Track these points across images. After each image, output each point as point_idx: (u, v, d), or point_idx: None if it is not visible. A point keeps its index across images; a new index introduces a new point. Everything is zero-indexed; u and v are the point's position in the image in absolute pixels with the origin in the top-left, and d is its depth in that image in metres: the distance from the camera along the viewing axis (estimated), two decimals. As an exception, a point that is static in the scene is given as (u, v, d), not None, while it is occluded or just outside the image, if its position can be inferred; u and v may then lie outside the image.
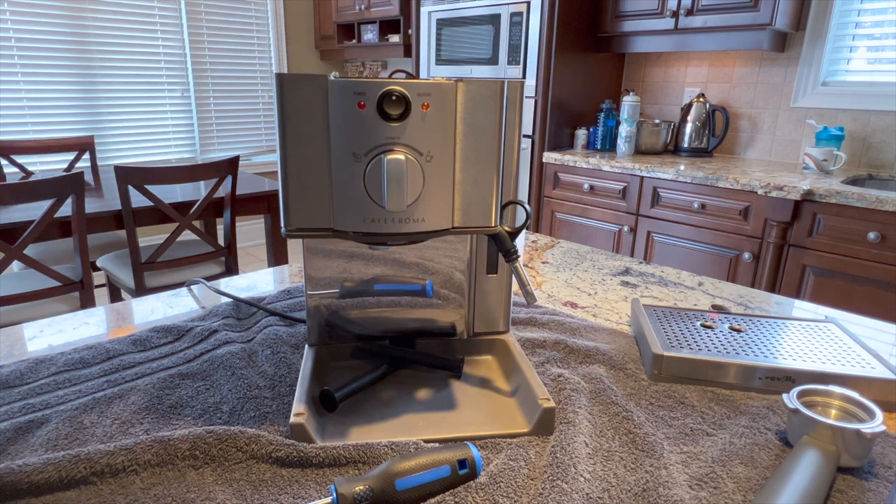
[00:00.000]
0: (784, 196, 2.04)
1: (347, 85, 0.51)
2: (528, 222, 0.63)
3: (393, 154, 0.52)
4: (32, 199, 1.76)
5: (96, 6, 3.51)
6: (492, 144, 0.55)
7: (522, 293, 0.59)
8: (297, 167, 0.53)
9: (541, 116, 2.79)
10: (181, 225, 2.15)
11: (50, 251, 2.55)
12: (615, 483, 0.50)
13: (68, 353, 0.70)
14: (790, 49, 2.55)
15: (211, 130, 4.16)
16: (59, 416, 0.57)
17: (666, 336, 0.73)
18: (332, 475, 0.50)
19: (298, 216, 0.54)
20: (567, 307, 0.91)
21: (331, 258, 0.67)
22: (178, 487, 0.48)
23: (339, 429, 0.58)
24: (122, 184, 1.99)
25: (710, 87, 2.83)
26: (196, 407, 0.60)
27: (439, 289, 0.70)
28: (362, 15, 4.02)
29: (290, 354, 0.71)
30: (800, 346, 0.70)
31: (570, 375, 0.66)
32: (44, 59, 3.39)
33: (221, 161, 2.17)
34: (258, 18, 4.23)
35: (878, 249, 1.90)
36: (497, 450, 0.54)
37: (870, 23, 2.35)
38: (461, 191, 0.56)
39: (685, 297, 0.96)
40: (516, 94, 0.59)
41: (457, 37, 3.03)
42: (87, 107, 3.61)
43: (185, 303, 0.88)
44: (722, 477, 0.51)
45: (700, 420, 0.60)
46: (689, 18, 2.47)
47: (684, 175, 2.31)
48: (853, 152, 2.45)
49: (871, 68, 2.39)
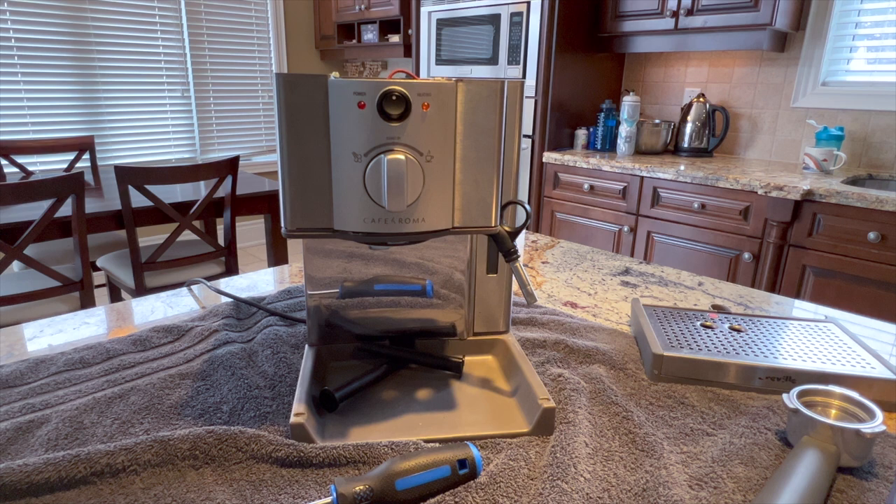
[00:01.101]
0: (784, 196, 2.04)
1: (347, 85, 0.50)
2: (528, 222, 0.63)
3: (393, 154, 0.52)
4: (32, 199, 1.76)
5: (96, 6, 3.51)
6: (492, 144, 0.55)
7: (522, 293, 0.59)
8: (297, 167, 0.53)
9: (541, 116, 2.79)
10: (181, 225, 2.15)
11: (50, 251, 2.55)
12: (615, 483, 0.50)
13: (68, 353, 0.70)
14: (790, 49, 2.55)
15: (211, 130, 4.16)
16: (59, 416, 0.57)
17: (666, 336, 0.73)
18: (332, 475, 0.50)
19: (298, 216, 0.54)
20: (567, 307, 0.91)
21: (331, 258, 0.67)
22: (178, 487, 0.48)
23: (339, 429, 0.58)
24: (122, 184, 1.99)
25: (710, 87, 2.83)
26: (196, 407, 0.60)
27: (439, 289, 0.70)
28: (362, 15, 4.02)
29: (290, 354, 0.71)
30: (800, 346, 0.70)
31: (570, 375, 0.66)
32: (44, 59, 3.39)
33: (221, 161, 2.17)
34: (258, 18, 4.23)
35: (878, 249, 1.90)
36: (497, 450, 0.54)
37: (870, 23, 2.35)
38: (461, 191, 0.56)
39: (685, 297, 0.96)
40: (516, 94, 0.59)
41: (457, 37, 3.03)
42: (87, 107, 3.61)
43: (185, 303, 0.88)
44: (722, 477, 0.51)
45: (700, 420, 0.60)
46: (689, 18, 2.47)
47: (684, 175, 2.31)
48: (853, 152, 2.45)
49: (871, 68, 2.39)
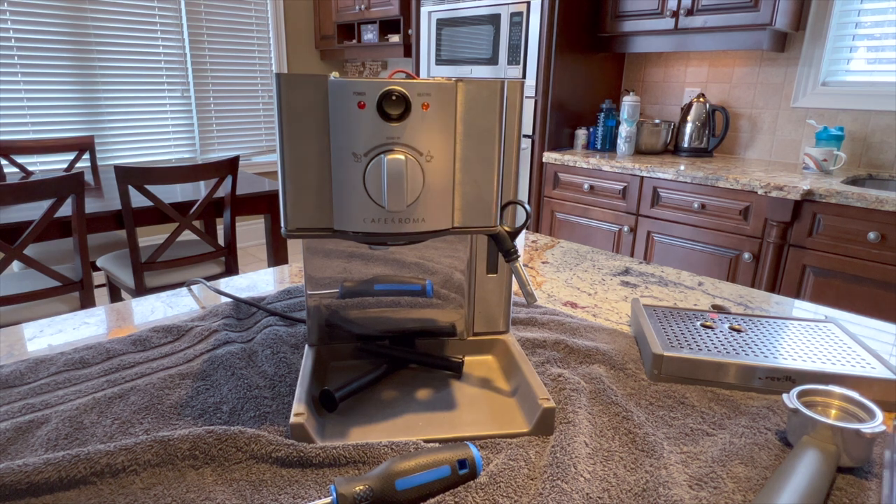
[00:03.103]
0: (784, 196, 2.04)
1: (347, 85, 0.50)
2: (528, 222, 0.63)
3: (393, 154, 0.52)
4: (32, 199, 1.76)
5: (96, 6, 3.51)
6: (492, 144, 0.55)
7: (522, 293, 0.59)
8: (297, 167, 0.53)
9: (541, 116, 2.79)
10: (181, 225, 2.15)
11: (50, 251, 2.55)
12: (615, 483, 0.50)
13: (68, 353, 0.70)
14: (790, 49, 2.55)
15: (211, 130, 4.16)
16: (59, 416, 0.57)
17: (666, 336, 0.73)
18: (332, 475, 0.50)
19: (298, 216, 0.54)
20: (567, 307, 0.91)
21: (331, 258, 0.67)
22: (178, 487, 0.48)
23: (339, 429, 0.58)
24: (122, 184, 1.99)
25: (710, 87, 2.83)
26: (196, 407, 0.60)
27: (439, 289, 0.70)
28: (362, 15, 4.02)
29: (290, 354, 0.71)
30: (800, 346, 0.70)
31: (570, 375, 0.66)
32: (44, 59, 3.39)
33: (221, 161, 2.17)
34: (258, 18, 4.23)
35: (878, 249, 1.90)
36: (497, 450, 0.54)
37: (870, 23, 2.35)
38: (461, 191, 0.56)
39: (685, 297, 0.96)
40: (516, 94, 0.59)
41: (457, 37, 3.03)
42: (87, 107, 3.61)
43: (185, 303, 0.88)
44: (722, 477, 0.51)
45: (700, 420, 0.60)
46: (689, 18, 2.47)
47: (684, 175, 2.31)
48: (853, 152, 2.45)
49: (871, 68, 2.39)
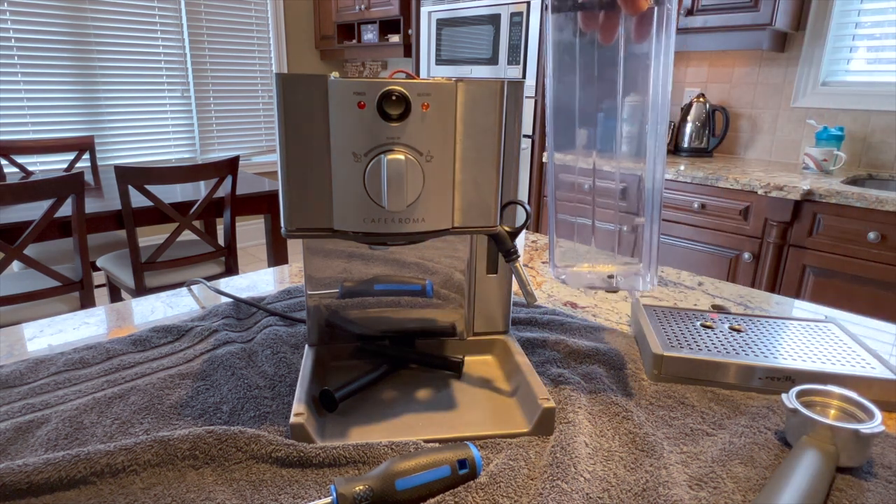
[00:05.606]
0: (784, 196, 2.04)
1: (347, 85, 0.50)
2: (528, 222, 0.63)
3: (393, 154, 0.52)
4: (32, 199, 1.76)
5: (96, 6, 3.51)
6: (492, 144, 0.55)
7: (522, 293, 0.59)
8: (297, 167, 0.53)
9: (541, 116, 2.79)
10: (181, 225, 2.15)
11: (50, 251, 2.55)
12: (615, 483, 0.50)
13: (68, 353, 0.70)
14: (790, 49, 2.55)
15: (211, 130, 4.16)
16: (59, 416, 0.57)
17: (666, 336, 0.73)
18: (332, 475, 0.50)
19: (298, 216, 0.54)
20: (567, 307, 0.91)
21: (331, 258, 0.67)
22: (178, 487, 0.48)
23: (339, 429, 0.58)
24: (122, 184, 1.99)
25: (710, 87, 2.83)
26: (196, 407, 0.60)
27: (439, 289, 0.70)
28: (362, 15, 4.02)
29: (290, 354, 0.71)
30: (800, 346, 0.70)
31: (570, 375, 0.66)
32: (44, 59, 3.39)
33: (221, 161, 2.17)
34: (258, 18, 4.23)
35: (878, 249, 1.90)
36: (497, 450, 0.54)
37: (870, 23, 2.35)
38: (461, 191, 0.56)
39: (685, 297, 0.96)
40: (516, 94, 0.59)
41: (457, 37, 3.03)
42: (87, 107, 3.61)
43: (185, 303, 0.88)
44: (722, 477, 0.51)
45: (700, 420, 0.60)
46: (688, 18, 2.47)
47: (684, 175, 2.31)
48: (853, 152, 2.45)
49: (871, 68, 2.39)
